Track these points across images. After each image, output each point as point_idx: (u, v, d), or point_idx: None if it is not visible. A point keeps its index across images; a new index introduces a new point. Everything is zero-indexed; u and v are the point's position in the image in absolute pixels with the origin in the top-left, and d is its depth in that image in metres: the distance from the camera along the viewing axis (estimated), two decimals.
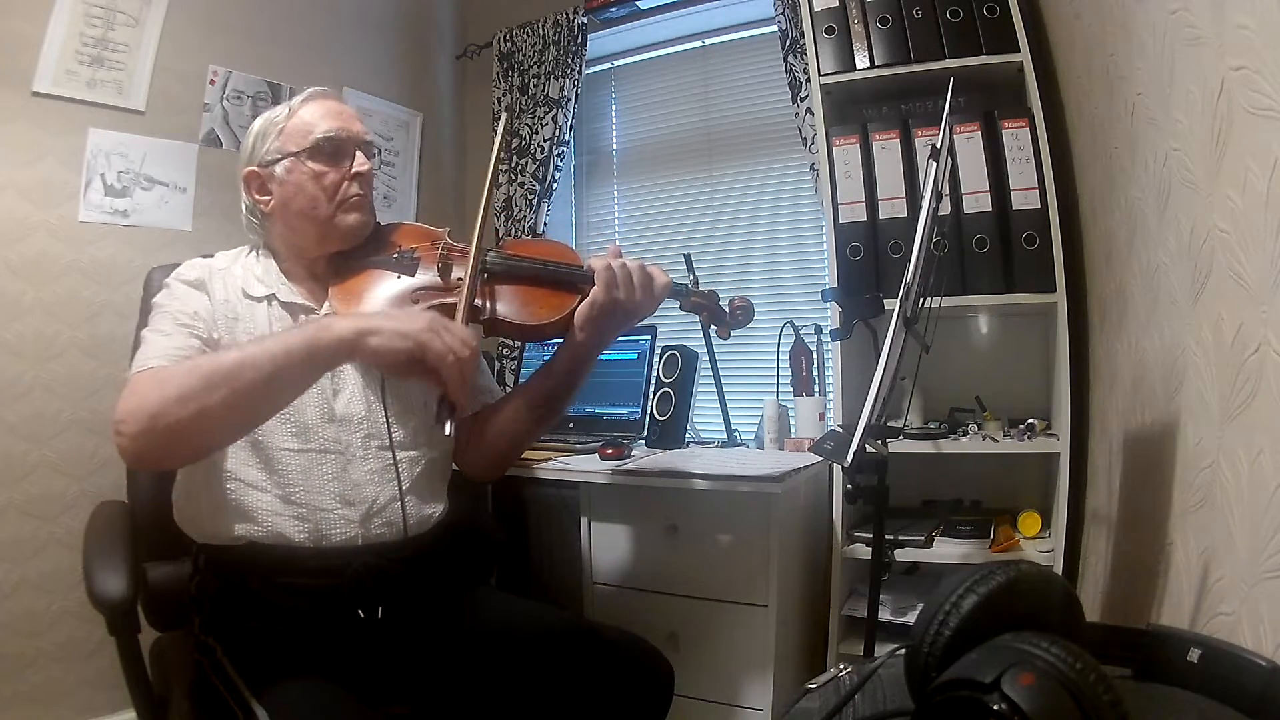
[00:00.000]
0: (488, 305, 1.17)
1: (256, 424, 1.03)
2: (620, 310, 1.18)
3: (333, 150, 1.15)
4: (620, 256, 1.20)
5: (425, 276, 1.18)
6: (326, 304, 1.16)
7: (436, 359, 0.96)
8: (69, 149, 1.78)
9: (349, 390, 1.15)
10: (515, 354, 2.44)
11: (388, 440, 1.14)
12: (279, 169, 1.15)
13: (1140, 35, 1.09)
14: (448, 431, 0.98)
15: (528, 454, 1.75)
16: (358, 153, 1.17)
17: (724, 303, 1.41)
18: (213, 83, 2.02)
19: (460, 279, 1.14)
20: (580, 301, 1.18)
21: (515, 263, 1.21)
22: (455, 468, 1.30)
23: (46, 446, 1.73)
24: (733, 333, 1.42)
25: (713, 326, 1.41)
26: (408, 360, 0.96)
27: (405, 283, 1.17)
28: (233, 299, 1.14)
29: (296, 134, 1.15)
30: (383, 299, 1.15)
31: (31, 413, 1.73)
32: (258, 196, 1.18)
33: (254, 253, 1.21)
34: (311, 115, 1.17)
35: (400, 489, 1.13)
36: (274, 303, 1.15)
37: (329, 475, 1.09)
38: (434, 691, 1.11)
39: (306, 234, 1.17)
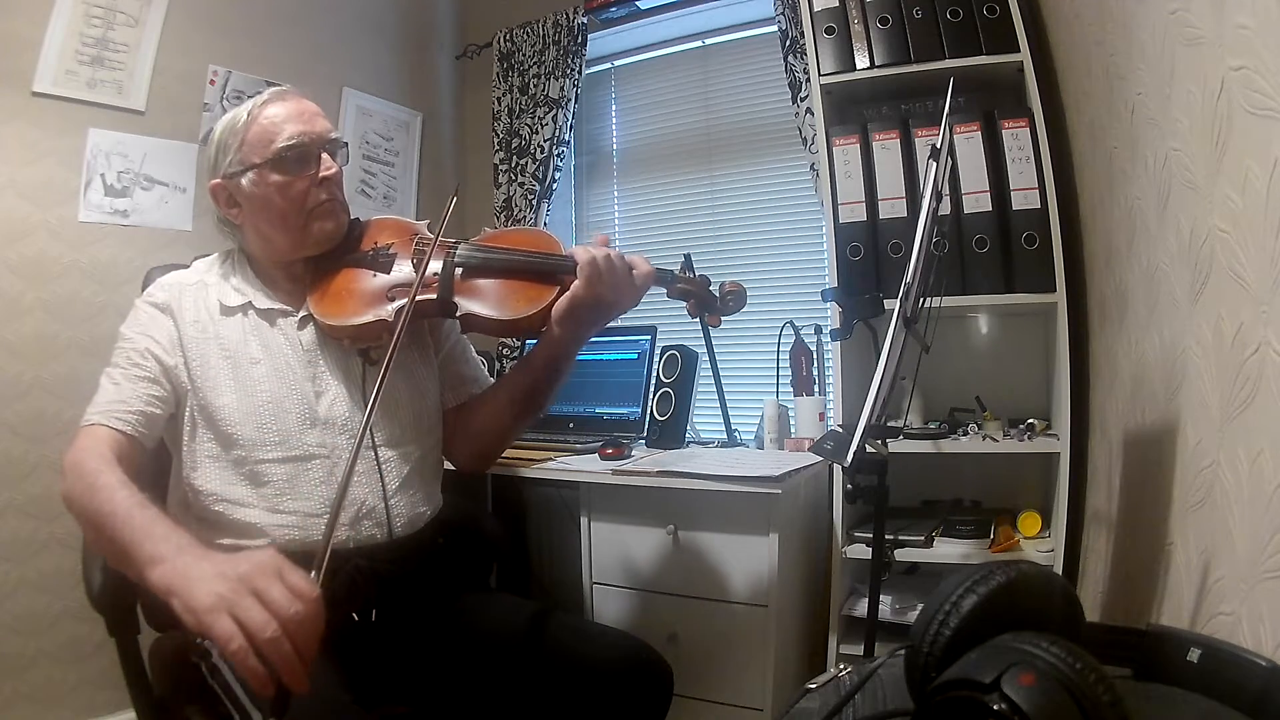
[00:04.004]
0: (461, 300, 1.15)
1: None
2: (602, 304, 1.13)
3: (297, 158, 1.10)
4: (607, 246, 1.14)
5: (401, 272, 1.17)
6: (305, 308, 1.15)
7: (221, 643, 0.72)
8: (69, 149, 1.78)
9: (332, 392, 1.13)
10: (516, 353, 2.44)
11: (370, 440, 1.12)
12: (244, 181, 1.11)
13: (1140, 35, 1.09)
14: None
15: (528, 454, 1.75)
16: (323, 155, 1.13)
17: (714, 288, 1.30)
18: (213, 83, 2.02)
19: (435, 273, 1.12)
20: (560, 293, 1.13)
21: (490, 255, 1.17)
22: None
23: (46, 446, 1.73)
24: (724, 320, 1.29)
25: (704, 314, 1.28)
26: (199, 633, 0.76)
27: (381, 280, 1.16)
28: (204, 317, 1.11)
29: (258, 144, 1.10)
30: (358, 299, 1.14)
31: (31, 413, 1.73)
32: (227, 209, 1.15)
33: (230, 259, 1.19)
34: (272, 120, 1.11)
35: (384, 489, 1.12)
36: (250, 311, 1.13)
37: (317, 480, 1.08)
38: (432, 692, 1.11)
39: (280, 243, 1.15)
